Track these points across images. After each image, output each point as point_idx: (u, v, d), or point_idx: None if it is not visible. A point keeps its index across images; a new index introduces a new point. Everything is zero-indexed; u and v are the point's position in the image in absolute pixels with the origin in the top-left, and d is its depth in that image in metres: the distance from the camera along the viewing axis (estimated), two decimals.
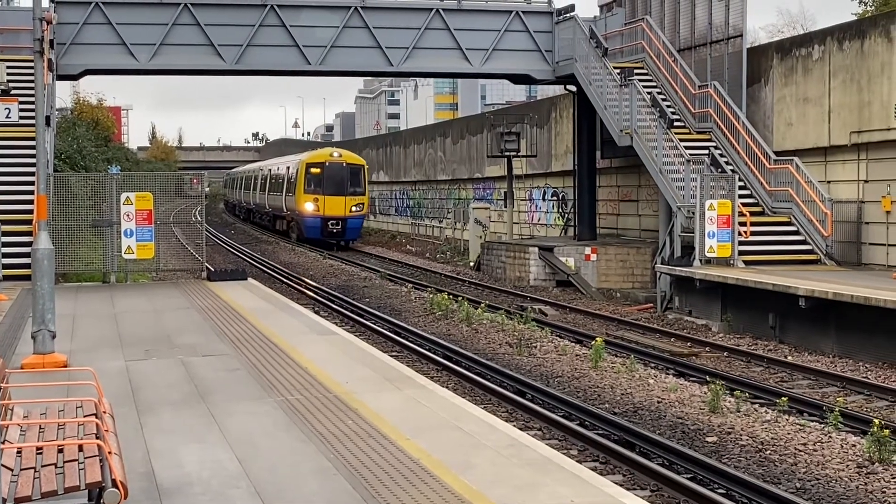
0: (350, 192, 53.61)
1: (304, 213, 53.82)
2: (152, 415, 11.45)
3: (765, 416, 15.19)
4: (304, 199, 53.67)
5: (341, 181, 53.64)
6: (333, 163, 54.29)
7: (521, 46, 36.38)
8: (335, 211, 53.09)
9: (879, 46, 26.89)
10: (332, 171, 53.75)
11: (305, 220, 53.92)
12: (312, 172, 53.79)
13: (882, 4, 47.10)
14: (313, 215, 53.22)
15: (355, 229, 54.88)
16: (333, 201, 53.08)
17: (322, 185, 53.41)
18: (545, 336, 22.79)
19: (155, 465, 9.48)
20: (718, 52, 32.78)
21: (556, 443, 13.99)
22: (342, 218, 53.26)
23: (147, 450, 9.97)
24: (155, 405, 11.93)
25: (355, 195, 53.91)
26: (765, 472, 12.60)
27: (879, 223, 27.22)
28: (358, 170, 55.00)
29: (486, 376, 18.60)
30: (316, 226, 53.18)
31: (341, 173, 53.87)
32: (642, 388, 17.49)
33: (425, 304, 28.22)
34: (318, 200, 53.13)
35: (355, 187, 54.13)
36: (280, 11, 34.49)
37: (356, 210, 54.03)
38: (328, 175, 53.53)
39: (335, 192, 53.14)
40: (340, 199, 53.25)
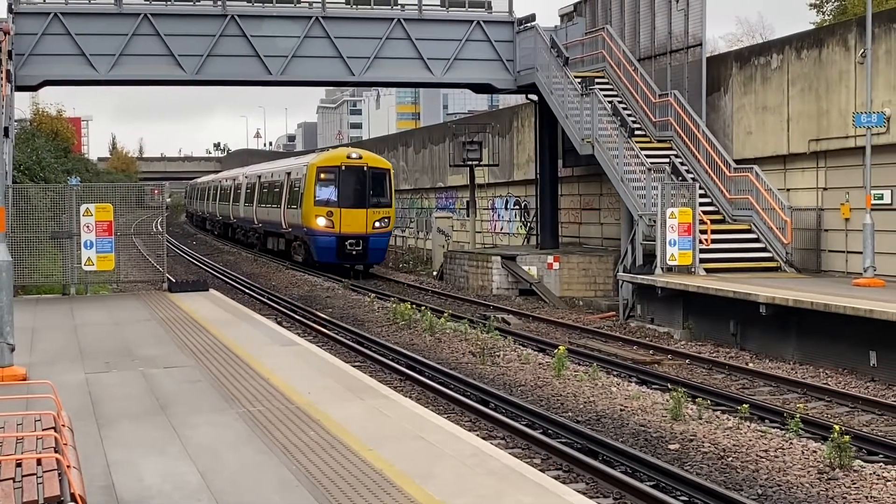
0: (373, 202, 42.76)
1: (313, 230, 42.68)
2: (112, 428, 11.35)
3: (726, 423, 15.26)
4: (313, 213, 42.56)
5: (361, 189, 42.67)
6: (351, 166, 42.90)
7: (483, 56, 36.46)
8: (354, 227, 42.10)
9: (837, 55, 27.14)
10: (349, 176, 42.79)
11: (316, 239, 42.78)
12: (324, 178, 42.91)
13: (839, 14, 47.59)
14: (326, 233, 42.31)
15: (379, 251, 43.71)
16: (352, 215, 42.25)
17: (337, 194, 42.57)
18: (508, 345, 22.81)
19: (115, 478, 9.40)
20: (678, 61, 32.96)
21: (520, 451, 13.99)
22: (363, 236, 42.21)
23: (107, 463, 9.88)
24: (115, 418, 11.84)
25: (379, 207, 42.90)
26: (727, 479, 12.66)
27: (838, 230, 27.45)
28: (382, 175, 43.77)
29: (450, 386, 18.58)
30: (330, 247, 42.29)
31: (361, 179, 42.80)
32: (605, 396, 17.53)
33: (388, 314, 28.18)
34: (331, 214, 42.15)
35: (379, 197, 43.16)
36: (241, 21, 34.41)
37: (380, 226, 42.90)
38: (345, 181, 42.68)
39: (354, 204, 42.38)
40: (360, 213, 42.34)
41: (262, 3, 34.96)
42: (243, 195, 60.82)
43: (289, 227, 47.17)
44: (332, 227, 42.25)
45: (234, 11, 34.40)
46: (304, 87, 39.49)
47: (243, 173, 64.63)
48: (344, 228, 42.17)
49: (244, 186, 60.77)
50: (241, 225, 62.59)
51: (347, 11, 35.66)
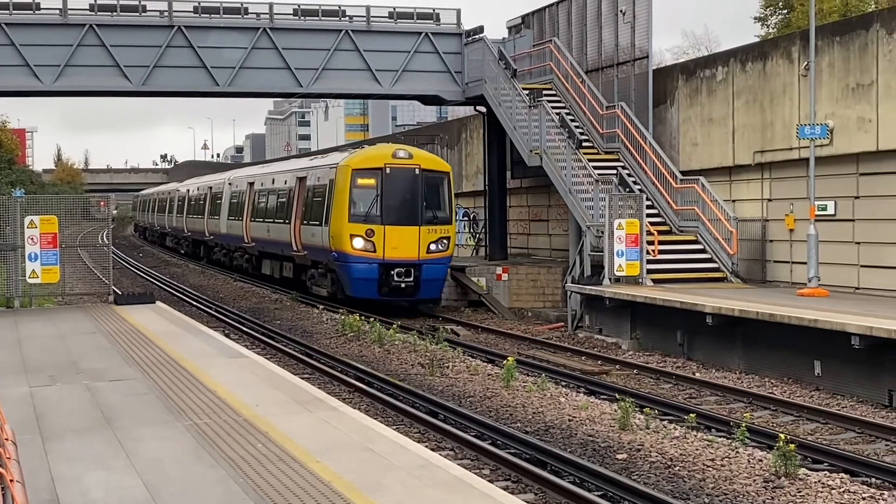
0: (427, 217, 31.91)
1: (346, 254, 31.71)
2: (57, 441, 11.23)
3: (674, 433, 15.35)
4: (347, 232, 31.54)
5: (412, 199, 31.85)
6: (398, 167, 31.92)
7: (431, 68, 36.56)
8: (402, 251, 31.55)
9: (781, 68, 27.45)
10: (396, 181, 31.83)
11: (351, 268, 31.72)
12: (362, 185, 31.84)
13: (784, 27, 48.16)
14: (364, 259, 31.44)
15: (435, 282, 32.35)
16: (399, 235, 31.55)
17: (380, 206, 31.61)
18: (457, 356, 22.81)
19: (60, 492, 9.29)
20: (625, 73, 33.20)
21: (469, 462, 13.99)
22: (414, 263, 31.57)
23: (52, 477, 9.77)
24: (60, 432, 11.71)
25: (435, 223, 32.02)
26: (674, 488, 12.73)
27: (783, 241, 27.74)
28: (439, 179, 32.48)
29: (399, 397, 18.55)
30: (370, 277, 31.50)
31: (412, 185, 31.89)
32: (554, 407, 17.57)
33: (337, 326, 28.09)
34: (372, 234, 31.44)
35: (435, 210, 32.18)
36: (187, 32, 34.25)
37: (437, 249, 31.93)
38: (390, 189, 31.71)
39: (402, 220, 31.70)
40: (411, 232, 31.67)
41: (208, 14, 34.85)
42: (226, 206, 49.44)
43: (303, 250, 35.77)
44: (372, 251, 31.29)
45: (181, 22, 34.25)
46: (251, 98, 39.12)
47: (226, 179, 52.18)
48: (389, 253, 31.33)
49: (227, 195, 49.74)
50: (224, 244, 51.07)
51: (295, 23, 35.62)
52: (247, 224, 44.51)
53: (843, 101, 25.32)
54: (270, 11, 35.25)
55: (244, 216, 44.79)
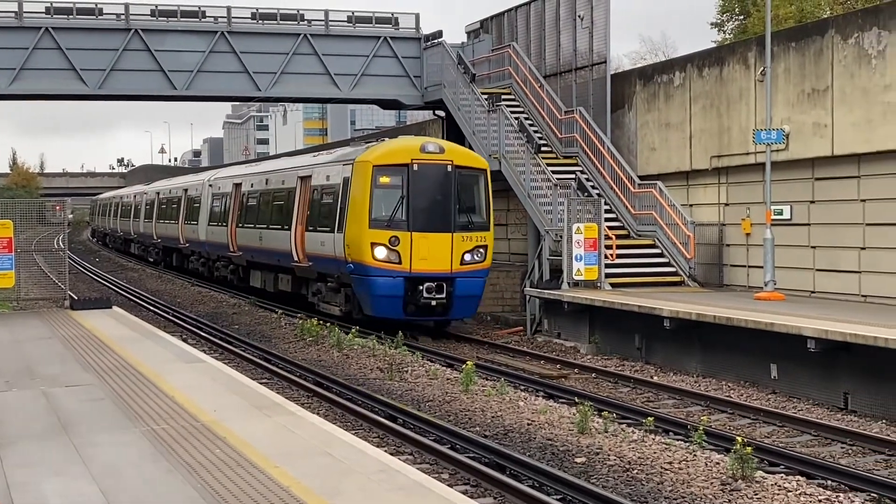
0: (461, 223, 27.47)
1: (366, 266, 27.06)
2: (12, 448, 11.12)
3: (632, 436, 15.41)
4: (367, 239, 27.01)
5: (444, 201, 27.38)
6: (427, 163, 27.33)
7: (390, 72, 36.57)
8: (433, 263, 27.05)
9: (738, 73, 27.66)
10: (425, 179, 27.31)
11: (373, 282, 27.09)
12: (384, 184, 27.29)
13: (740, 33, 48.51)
14: (387, 271, 26.86)
15: (471, 299, 27.86)
16: (429, 244, 27.05)
17: (406, 209, 27.07)
18: (416, 360, 22.79)
19: (15, 499, 9.21)
20: (583, 78, 33.34)
21: (428, 467, 13.98)
22: (447, 277, 27.15)
23: (7, 484, 9.68)
24: (15, 438, 11.60)
25: (471, 229, 27.58)
26: (632, 492, 12.78)
27: (740, 245, 27.93)
28: (475, 178, 28.09)
29: (358, 402, 18.52)
30: (394, 294, 26.95)
31: (444, 185, 27.41)
32: (513, 411, 17.60)
33: (296, 330, 28.00)
34: (396, 242, 26.82)
35: (470, 213, 27.82)
36: (144, 36, 34.07)
37: (473, 260, 27.50)
38: (418, 188, 27.18)
39: (432, 225, 27.13)
40: (442, 240, 27.14)
41: (166, 17, 34.71)
42: (206, 210, 44.41)
43: (306, 261, 31.18)
44: (396, 263, 26.83)
45: (138, 26, 34.06)
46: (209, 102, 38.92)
47: (206, 180, 46.62)
48: (417, 265, 26.89)
49: (207, 198, 44.57)
50: (201, 252, 46.22)
51: (253, 26, 35.54)
52: (232, 231, 39.49)
53: (799, 106, 25.54)
54: (228, 15, 35.14)
55: (229, 222, 39.92)
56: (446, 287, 27.09)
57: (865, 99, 23.66)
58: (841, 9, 41.94)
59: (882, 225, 23.56)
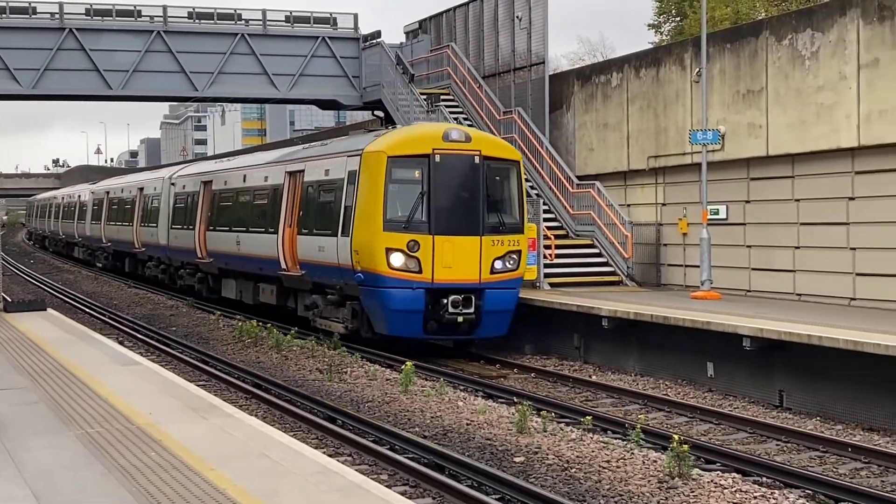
0: (491, 224, 23.72)
1: (380, 276, 23.16)
2: None
3: (570, 435, 15.47)
4: (380, 244, 23.13)
5: (471, 199, 23.64)
6: (453, 154, 23.48)
7: (329, 72, 36.46)
8: (459, 271, 23.33)
9: (674, 74, 27.88)
10: (449, 173, 23.52)
11: (386, 295, 23.21)
12: (400, 178, 23.50)
13: (677, 34, 48.94)
14: (405, 282, 23.07)
15: (503, 314, 24.00)
16: (455, 249, 23.31)
17: (427, 208, 23.25)
18: (356, 361, 22.73)
19: None
20: (522, 78, 33.45)
21: (367, 468, 13.93)
22: (475, 288, 23.44)
23: None
24: None
25: (502, 232, 23.80)
26: (570, 490, 12.82)
27: (677, 245, 28.16)
28: (507, 171, 24.30)
29: (297, 403, 18.43)
30: (414, 308, 23.14)
31: (471, 180, 23.65)
32: (452, 411, 17.60)
33: (234, 332, 27.82)
34: (416, 247, 23.00)
35: (501, 213, 24.03)
36: (79, 35, 33.68)
37: (504, 268, 23.75)
38: (441, 183, 23.40)
39: (458, 227, 23.42)
40: (470, 244, 23.41)
41: (101, 16, 34.33)
42: (167, 212, 40.08)
43: (298, 269, 27.22)
44: (416, 272, 23.00)
45: (73, 25, 33.66)
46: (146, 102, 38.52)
47: (167, 177, 41.58)
48: (440, 274, 23.09)
49: (168, 198, 40.19)
50: (161, 258, 41.89)
51: (190, 26, 35.26)
52: (202, 234, 35.30)
53: (734, 107, 25.80)
54: (164, 14, 34.84)
55: (198, 224, 35.71)
56: (476, 300, 23.23)
57: (799, 100, 23.95)
58: (776, 11, 42.43)
59: (815, 224, 23.86)
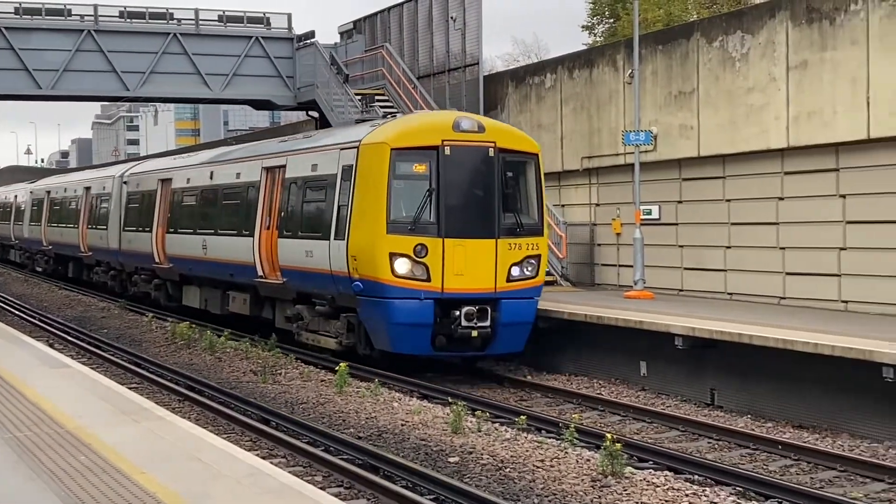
0: (507, 226, 21.23)
1: (383, 284, 20.64)
2: None
3: (505, 435, 15.51)
4: (383, 249, 20.59)
5: (486, 197, 21.12)
6: (464, 146, 21.00)
7: (263, 72, 36.31)
8: (472, 279, 20.84)
9: (607, 75, 28.06)
10: (461, 168, 21.06)
11: (391, 307, 20.63)
12: (407, 174, 21.01)
13: (610, 35, 49.28)
14: (413, 290, 20.56)
15: (520, 327, 21.52)
16: (467, 254, 20.78)
17: (436, 207, 20.74)
18: (290, 363, 22.62)
19: None
20: (457, 79, 33.51)
21: (301, 470, 13.87)
22: (490, 297, 21.00)
23: None
24: None
25: (521, 234, 21.33)
26: (504, 490, 12.85)
27: (610, 245, 28.34)
28: (524, 165, 21.87)
29: (230, 405, 18.31)
30: (423, 322, 20.62)
31: (486, 175, 21.15)
32: (387, 412, 17.57)
33: (167, 334, 27.58)
34: (423, 252, 20.53)
35: (518, 212, 21.50)
36: (8, 34, 33.23)
37: (522, 275, 21.31)
38: (451, 179, 20.91)
39: (471, 229, 20.90)
40: (485, 249, 20.91)
41: (30, 15, 33.88)
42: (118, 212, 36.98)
43: (278, 276, 24.48)
44: (424, 280, 20.45)
45: (1, 24, 33.18)
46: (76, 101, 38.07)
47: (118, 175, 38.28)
48: (451, 282, 20.53)
49: (120, 198, 37.09)
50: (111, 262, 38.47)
51: (121, 25, 34.93)
52: (160, 237, 32.46)
53: (667, 108, 26.02)
54: (95, 13, 34.48)
55: (155, 226, 32.78)
56: (491, 312, 20.71)
57: (730, 101, 24.20)
58: (707, 13, 42.88)
59: (745, 224, 24.13)
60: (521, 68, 34.74)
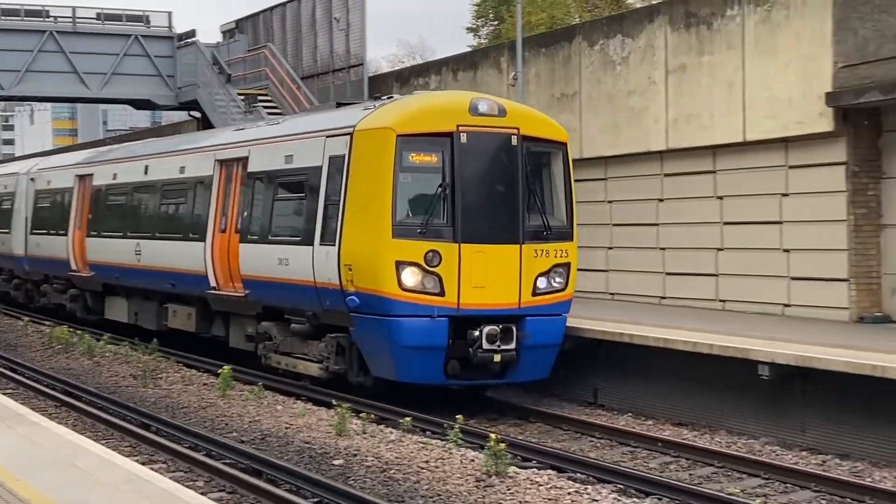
0: (533, 228, 17.92)
1: (385, 298, 17.06)
2: None
3: (390, 437, 15.48)
4: (387, 256, 17.03)
5: (509, 193, 17.69)
6: (483, 133, 17.53)
7: (142, 71, 35.82)
8: (494, 293, 17.39)
9: (491, 77, 28.23)
10: (479, 157, 17.61)
11: (397, 326, 17.07)
12: (415, 166, 17.39)
13: (494, 38, 49.61)
14: (423, 307, 17.04)
15: (546, 351, 18.11)
16: (488, 262, 17.35)
17: (450, 206, 17.28)
18: (171, 366, 22.32)
19: None
20: (341, 80, 33.42)
21: (182, 475, 13.66)
22: (513, 314, 17.56)
23: None
24: None
25: (548, 239, 18.05)
26: (389, 492, 12.82)
27: None
28: (551, 156, 18.59)
29: (109, 410, 17.98)
30: (435, 345, 17.11)
31: (509, 166, 17.74)
32: (270, 415, 17.42)
33: (44, 338, 26.98)
34: (436, 260, 17.03)
35: (547, 213, 18.26)
36: None
37: (551, 287, 18.02)
38: (469, 171, 17.42)
39: (492, 232, 17.49)
40: (508, 255, 17.54)
41: None
42: (24, 213, 33.48)
43: (243, 288, 21.09)
44: (436, 294, 17.14)
45: None
46: None
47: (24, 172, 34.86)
48: (469, 296, 17.26)
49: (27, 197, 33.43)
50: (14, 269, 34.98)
51: None
52: (78, 241, 29.09)
53: (550, 110, 26.15)
54: None
55: (71, 229, 29.48)
56: (515, 332, 17.42)
57: (611, 104, 24.53)
58: (589, 16, 43.42)
59: (627, 225, 24.47)
60: (406, 69, 34.79)
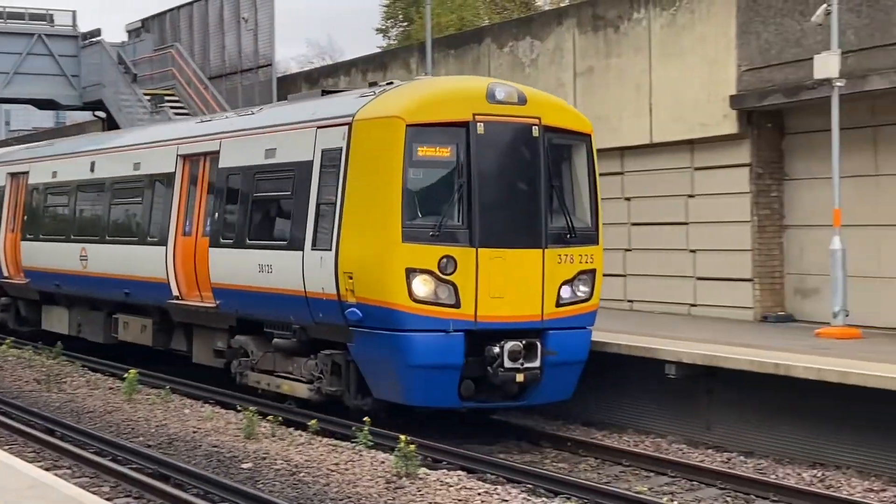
0: (556, 231, 15.78)
1: (392, 310, 15.01)
2: None
3: (299, 440, 15.41)
4: (396, 263, 14.95)
5: (530, 190, 15.60)
6: (501, 122, 15.43)
7: (46, 71, 35.28)
8: (514, 304, 15.36)
9: (400, 78, 28.19)
10: (497, 150, 15.53)
11: (407, 342, 15.02)
12: (426, 160, 15.28)
13: (404, 39, 49.64)
14: (436, 320, 15.02)
15: (570, 369, 15.93)
16: (508, 268, 15.27)
17: (466, 206, 15.22)
18: (76, 370, 21.98)
19: None
20: (250, 80, 33.19)
21: (87, 480, 13.47)
22: (534, 327, 15.47)
23: None
24: None
25: (572, 242, 15.87)
26: (298, 495, 12.76)
27: None
28: (574, 149, 16.31)
29: (12, 415, 17.67)
30: (449, 364, 15.03)
31: (530, 161, 15.61)
32: (178, 419, 17.25)
33: None
34: (450, 266, 14.98)
35: (569, 213, 15.97)
36: None
37: (576, 297, 15.92)
38: (486, 165, 15.37)
39: (511, 236, 15.43)
40: (530, 261, 15.48)
41: None
42: None
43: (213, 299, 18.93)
44: (451, 305, 15.13)
45: None
46: None
47: None
48: (487, 309, 15.28)
49: None
50: None
51: None
52: (10, 245, 26.93)
53: None
54: None
55: (2, 231, 27.29)
56: (538, 346, 15.42)
57: None
58: (498, 18, 43.63)
59: None
60: (315, 70, 34.70)
